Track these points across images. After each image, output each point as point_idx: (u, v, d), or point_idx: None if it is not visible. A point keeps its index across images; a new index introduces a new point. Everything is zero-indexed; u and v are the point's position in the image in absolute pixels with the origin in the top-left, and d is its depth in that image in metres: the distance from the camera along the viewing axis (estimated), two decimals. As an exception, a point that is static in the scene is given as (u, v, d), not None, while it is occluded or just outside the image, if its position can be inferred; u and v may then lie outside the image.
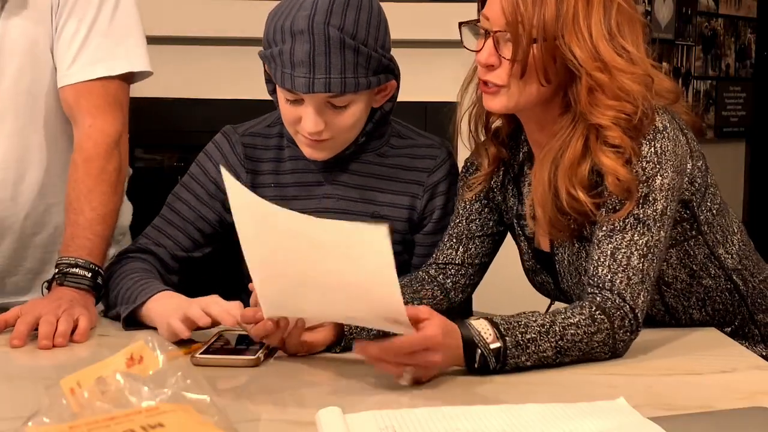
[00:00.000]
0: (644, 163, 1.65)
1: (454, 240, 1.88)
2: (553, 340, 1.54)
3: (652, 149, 1.65)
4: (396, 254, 1.40)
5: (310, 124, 1.81)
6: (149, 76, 2.05)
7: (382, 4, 1.89)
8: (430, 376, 1.48)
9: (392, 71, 1.87)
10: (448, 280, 1.87)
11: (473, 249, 1.88)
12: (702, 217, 1.78)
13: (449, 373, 1.52)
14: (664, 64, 4.20)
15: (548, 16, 1.62)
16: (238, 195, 1.44)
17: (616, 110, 1.63)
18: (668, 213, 1.66)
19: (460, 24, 1.72)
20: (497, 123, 1.84)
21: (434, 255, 1.89)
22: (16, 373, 1.61)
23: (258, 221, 1.46)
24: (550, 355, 1.55)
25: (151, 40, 2.07)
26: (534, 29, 1.62)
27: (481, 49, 1.68)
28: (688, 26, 4.35)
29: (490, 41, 1.66)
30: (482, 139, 1.84)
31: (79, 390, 1.13)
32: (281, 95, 1.85)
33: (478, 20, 1.70)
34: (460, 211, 1.89)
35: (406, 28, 2.57)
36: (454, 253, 1.88)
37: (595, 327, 1.57)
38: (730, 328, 1.86)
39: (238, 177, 1.97)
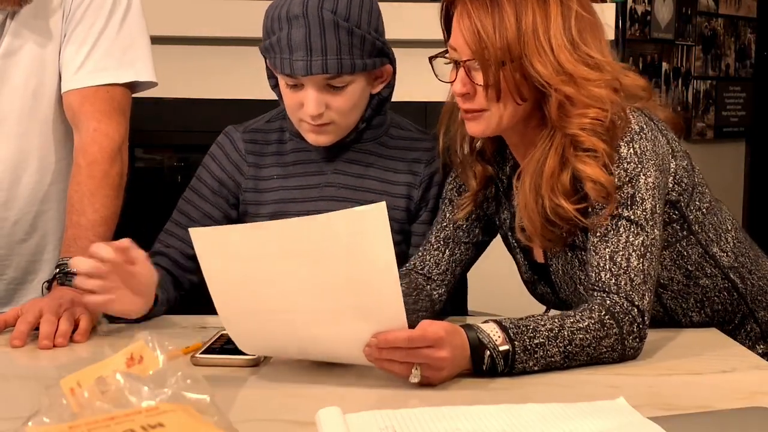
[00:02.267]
0: (625, 164, 1.65)
1: (441, 242, 1.87)
2: (561, 345, 1.54)
3: (632, 150, 1.66)
4: (396, 244, 1.40)
5: (312, 107, 1.85)
6: (152, 87, 2.05)
7: (383, 5, 1.91)
8: (440, 377, 1.47)
9: (387, 55, 1.91)
10: (434, 292, 1.86)
11: (458, 254, 1.88)
12: (692, 217, 1.78)
13: (449, 373, 1.52)
14: (664, 64, 4.21)
15: (510, 37, 1.63)
16: (204, 241, 1.47)
17: (589, 117, 1.64)
18: (658, 211, 1.67)
19: (430, 58, 1.73)
20: (480, 144, 1.85)
21: (420, 255, 1.88)
22: (16, 373, 1.61)
23: (230, 257, 1.46)
24: (558, 360, 1.54)
25: (152, 40, 2.07)
26: (499, 52, 1.63)
27: (454, 80, 1.69)
28: (688, 26, 4.35)
29: (461, 71, 1.68)
30: (466, 155, 1.84)
31: (79, 390, 1.13)
32: (282, 83, 1.90)
33: (446, 52, 1.72)
34: (447, 215, 1.89)
35: (406, 28, 2.57)
36: (440, 255, 1.87)
37: (603, 332, 1.57)
38: (731, 326, 1.86)
39: (241, 171, 2.00)
